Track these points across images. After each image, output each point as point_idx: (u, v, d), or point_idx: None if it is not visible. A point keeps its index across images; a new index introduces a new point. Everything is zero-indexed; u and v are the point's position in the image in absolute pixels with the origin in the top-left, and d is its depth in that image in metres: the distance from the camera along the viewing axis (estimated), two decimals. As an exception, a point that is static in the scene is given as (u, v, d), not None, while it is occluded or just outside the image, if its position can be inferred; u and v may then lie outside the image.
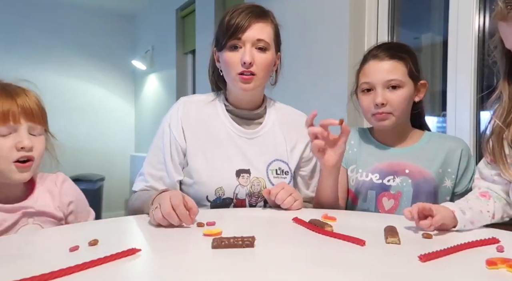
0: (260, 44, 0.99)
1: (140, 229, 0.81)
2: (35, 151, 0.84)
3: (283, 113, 1.15)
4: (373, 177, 1.08)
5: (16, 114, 0.80)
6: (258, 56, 0.99)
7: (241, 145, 1.06)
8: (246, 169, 1.04)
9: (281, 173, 1.07)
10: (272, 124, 1.11)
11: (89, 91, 4.36)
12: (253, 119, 1.11)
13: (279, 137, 1.10)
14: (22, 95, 0.83)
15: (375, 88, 1.04)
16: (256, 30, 0.98)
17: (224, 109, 1.10)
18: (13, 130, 0.81)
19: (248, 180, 1.03)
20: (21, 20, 3.94)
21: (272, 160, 1.08)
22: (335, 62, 1.93)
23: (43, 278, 0.49)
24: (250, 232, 0.67)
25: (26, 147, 0.80)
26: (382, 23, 1.87)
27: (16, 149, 0.80)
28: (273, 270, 0.55)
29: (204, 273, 0.55)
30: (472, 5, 1.49)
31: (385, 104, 1.03)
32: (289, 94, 2.17)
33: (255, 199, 1.04)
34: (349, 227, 0.77)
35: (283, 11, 2.25)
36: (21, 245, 0.68)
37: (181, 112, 1.06)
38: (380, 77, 1.04)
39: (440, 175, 1.05)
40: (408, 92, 1.05)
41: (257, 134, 1.09)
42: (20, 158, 0.81)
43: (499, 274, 0.53)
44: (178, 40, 3.72)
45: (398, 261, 0.59)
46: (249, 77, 0.99)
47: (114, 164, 4.44)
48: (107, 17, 4.49)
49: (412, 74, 1.05)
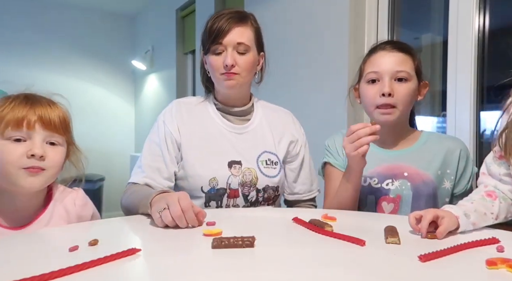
0: (240, 47, 1.05)
1: (140, 229, 0.81)
2: (49, 161, 0.81)
3: (269, 110, 1.22)
4: (371, 182, 1.07)
5: (31, 121, 0.79)
6: (239, 58, 1.05)
7: (232, 139, 1.12)
8: (238, 161, 1.09)
9: (271, 163, 1.12)
10: (260, 120, 1.18)
11: (89, 91, 4.36)
12: (241, 115, 1.16)
13: (266, 131, 1.16)
14: (45, 105, 0.83)
15: (382, 78, 1.02)
16: (235, 34, 1.04)
17: (214, 108, 1.16)
18: (28, 137, 0.80)
19: (240, 170, 1.08)
20: (21, 20, 3.94)
21: (261, 152, 1.13)
22: (335, 62, 1.93)
23: (43, 278, 0.49)
24: (250, 232, 0.67)
25: (37, 155, 0.79)
26: (382, 23, 1.88)
27: (26, 156, 0.78)
28: (273, 270, 0.55)
29: (204, 273, 0.55)
30: (472, 5, 1.49)
31: (392, 95, 1.00)
32: (289, 94, 2.17)
33: (248, 188, 1.08)
34: (349, 227, 0.77)
35: (283, 12, 2.25)
36: (21, 245, 0.68)
37: (175, 111, 1.13)
38: (390, 67, 1.02)
39: (439, 176, 1.04)
40: (414, 87, 1.04)
41: (246, 129, 1.15)
42: (29, 166, 0.79)
43: (499, 274, 0.53)
44: (178, 40, 3.72)
45: (398, 261, 0.59)
46: (231, 75, 1.05)
47: (114, 164, 4.45)
48: (107, 17, 4.49)
49: (418, 70, 1.05)
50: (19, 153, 0.78)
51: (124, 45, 4.62)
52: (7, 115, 0.78)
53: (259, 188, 1.09)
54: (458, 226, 0.75)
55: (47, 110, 0.82)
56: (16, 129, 0.78)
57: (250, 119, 1.17)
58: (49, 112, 0.82)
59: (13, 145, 0.78)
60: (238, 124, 1.15)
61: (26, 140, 0.80)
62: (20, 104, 0.80)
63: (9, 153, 0.78)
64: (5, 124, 0.78)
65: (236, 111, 1.15)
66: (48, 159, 0.81)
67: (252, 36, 1.08)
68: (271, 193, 1.11)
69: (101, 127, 4.42)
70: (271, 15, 2.32)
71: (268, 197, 1.11)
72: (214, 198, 1.07)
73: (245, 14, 1.09)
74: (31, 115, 0.80)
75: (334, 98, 1.92)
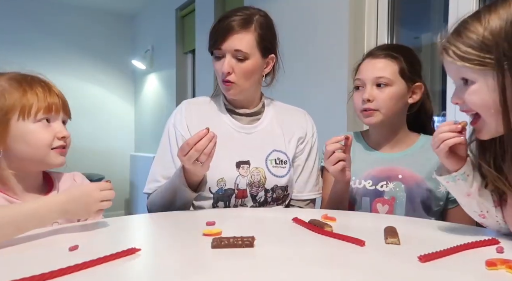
0: (238, 54, 1.03)
1: (140, 229, 0.81)
2: (68, 140, 0.89)
3: (281, 109, 1.21)
4: (366, 184, 1.08)
5: (58, 106, 0.86)
6: (236, 66, 1.04)
7: (240, 140, 1.11)
8: (246, 161, 1.08)
9: (280, 162, 1.11)
10: (270, 119, 1.16)
11: (89, 91, 4.36)
12: (251, 116, 1.16)
13: (276, 130, 1.15)
14: (54, 87, 0.89)
15: (364, 85, 1.07)
16: (234, 41, 1.02)
17: (224, 108, 1.16)
18: (52, 120, 0.86)
19: (248, 171, 1.07)
20: (21, 20, 3.94)
21: (271, 151, 1.12)
22: (335, 62, 1.93)
23: (43, 278, 0.50)
24: (250, 232, 0.67)
25: (66, 136, 0.87)
26: (382, 23, 1.87)
27: (56, 137, 0.85)
28: (273, 270, 0.55)
29: (204, 273, 0.55)
30: (472, 5, 1.48)
31: (371, 101, 1.05)
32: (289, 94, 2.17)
33: (256, 189, 1.08)
34: (349, 228, 0.77)
35: (283, 11, 2.25)
36: (21, 245, 0.68)
37: (184, 112, 1.13)
38: (370, 74, 1.06)
39: (434, 180, 1.01)
40: (397, 91, 1.05)
41: (256, 129, 1.14)
42: (58, 146, 0.86)
43: (499, 275, 0.53)
44: (178, 40, 3.72)
45: (397, 261, 0.59)
46: (229, 84, 1.06)
47: (114, 164, 4.44)
48: (107, 17, 4.49)
49: (403, 74, 1.05)
50: (50, 136, 0.84)
51: (124, 44, 4.62)
52: (35, 99, 0.83)
53: (267, 188, 1.08)
54: (461, 166, 0.73)
55: (59, 91, 0.89)
56: (47, 113, 0.84)
57: (260, 119, 1.16)
58: (62, 94, 0.90)
59: (43, 128, 0.84)
60: (248, 124, 1.14)
61: (50, 122, 0.85)
62: (42, 88, 0.85)
63: (42, 136, 0.83)
64: (37, 109, 0.83)
65: (246, 112, 1.15)
66: (68, 139, 0.89)
67: (252, 42, 1.04)
68: (280, 193, 1.10)
69: (100, 126, 4.42)
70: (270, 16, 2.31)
71: (277, 197, 1.10)
72: (222, 199, 1.06)
73: (250, 18, 1.05)
74: (56, 99, 0.86)
75: (334, 98, 1.92)
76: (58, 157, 0.87)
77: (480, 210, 0.76)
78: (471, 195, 0.75)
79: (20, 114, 0.82)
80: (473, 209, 0.77)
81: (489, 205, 0.75)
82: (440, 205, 1.05)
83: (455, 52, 0.67)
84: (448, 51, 0.69)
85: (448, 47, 0.69)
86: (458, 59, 0.67)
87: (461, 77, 0.69)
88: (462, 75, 0.68)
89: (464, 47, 0.66)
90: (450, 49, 0.68)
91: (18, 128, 0.82)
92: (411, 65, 1.07)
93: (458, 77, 0.70)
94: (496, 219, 0.76)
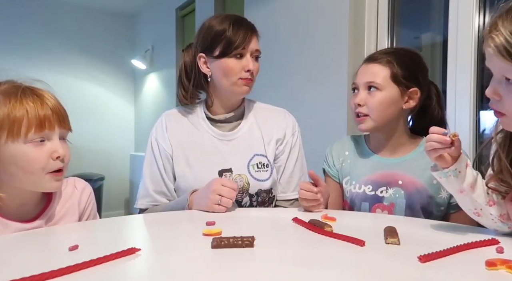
0: (257, 54, 1.11)
1: (140, 229, 0.81)
2: (65, 159, 0.79)
3: (262, 110, 1.22)
4: (366, 189, 1.08)
5: (51, 121, 0.75)
6: (255, 65, 1.10)
7: (222, 148, 1.13)
8: (228, 169, 1.10)
9: (262, 166, 1.13)
10: (250, 123, 1.18)
11: (89, 91, 4.36)
12: (231, 122, 1.17)
13: (256, 133, 1.16)
14: (49, 98, 0.78)
15: (358, 89, 1.09)
16: (254, 42, 1.10)
17: (204, 117, 1.17)
18: (47, 137, 0.77)
19: (231, 178, 1.09)
20: (21, 20, 3.94)
21: (252, 156, 1.13)
22: (334, 62, 1.93)
23: (43, 278, 0.50)
24: (250, 232, 0.67)
25: (61, 156, 0.77)
26: (382, 23, 1.87)
27: (51, 158, 0.76)
28: (273, 270, 0.55)
29: (204, 273, 0.55)
30: (472, 5, 1.48)
31: (361, 105, 1.06)
32: (288, 95, 2.17)
33: (240, 195, 1.09)
34: (349, 228, 0.77)
35: (283, 11, 2.25)
36: (21, 245, 0.68)
37: (165, 124, 1.16)
38: (362, 79, 1.07)
39: (435, 186, 1.03)
40: (388, 96, 1.04)
41: (236, 135, 1.15)
42: (54, 170, 0.77)
43: (499, 275, 0.54)
44: (178, 39, 3.72)
45: (397, 261, 0.59)
46: (250, 80, 1.10)
47: (114, 163, 4.44)
48: (107, 16, 4.48)
49: (396, 79, 1.04)
50: (44, 157, 0.75)
51: (124, 44, 4.61)
52: (24, 115, 0.73)
53: (251, 193, 1.09)
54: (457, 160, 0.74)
55: (54, 102, 0.77)
56: (39, 132, 0.74)
57: (240, 124, 1.16)
58: (57, 104, 0.78)
59: (36, 148, 0.75)
60: (229, 131, 1.15)
61: (45, 140, 0.76)
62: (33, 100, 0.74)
63: (35, 159, 0.74)
64: (27, 127, 0.73)
65: (225, 118, 1.15)
66: (65, 158, 0.79)
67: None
68: (265, 196, 1.11)
69: (100, 126, 4.42)
70: (270, 15, 2.32)
71: (262, 200, 1.11)
72: None
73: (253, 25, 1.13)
74: (49, 113, 0.75)
75: (333, 99, 1.91)
76: (53, 183, 0.78)
77: (474, 207, 0.77)
78: (464, 192, 0.76)
79: (9, 134, 0.72)
80: (467, 206, 0.78)
81: (483, 203, 0.76)
82: (441, 211, 1.04)
83: (507, 49, 0.61)
84: (499, 47, 0.62)
85: (498, 43, 0.62)
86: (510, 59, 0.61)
87: (505, 76, 0.64)
88: (507, 75, 0.63)
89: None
90: (502, 46, 0.61)
91: (8, 149, 0.73)
92: (407, 70, 1.05)
93: (501, 73, 0.65)
94: (490, 217, 0.76)
